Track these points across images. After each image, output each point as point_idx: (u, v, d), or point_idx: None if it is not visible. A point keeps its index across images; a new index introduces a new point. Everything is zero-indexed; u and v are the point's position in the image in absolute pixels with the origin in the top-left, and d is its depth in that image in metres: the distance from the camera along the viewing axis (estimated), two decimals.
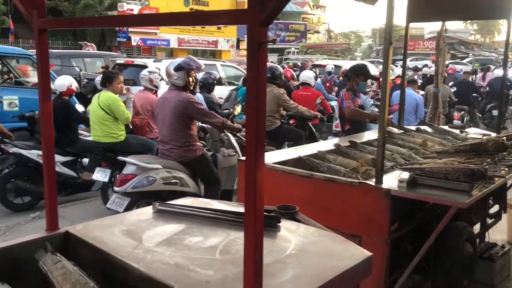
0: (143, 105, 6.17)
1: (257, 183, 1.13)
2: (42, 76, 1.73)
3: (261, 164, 1.14)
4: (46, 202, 1.85)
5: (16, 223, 5.71)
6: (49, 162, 1.80)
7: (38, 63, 1.76)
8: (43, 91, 1.73)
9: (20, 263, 1.69)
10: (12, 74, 8.91)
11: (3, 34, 22.53)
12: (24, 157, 5.99)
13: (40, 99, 1.75)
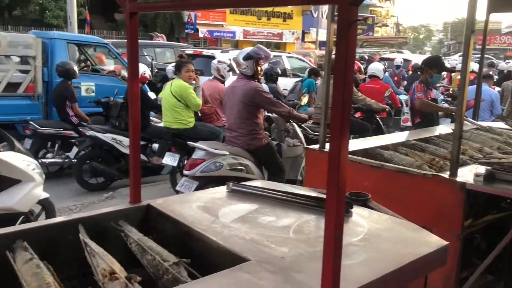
0: (212, 94, 6.32)
1: (341, 157, 1.15)
2: (131, 58, 1.84)
3: (346, 140, 1.15)
4: (131, 177, 1.98)
5: (91, 202, 6.07)
6: (135, 139, 1.92)
7: (128, 45, 1.87)
8: (132, 71, 1.84)
9: (106, 229, 1.82)
10: (89, 62, 9.42)
11: (80, 25, 23.81)
12: (99, 140, 6.34)
13: (128, 78, 1.87)
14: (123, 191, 6.35)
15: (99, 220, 1.84)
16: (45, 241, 1.69)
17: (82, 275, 1.71)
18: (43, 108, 7.67)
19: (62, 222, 1.78)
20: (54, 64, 7.55)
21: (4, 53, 7.12)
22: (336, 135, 1.14)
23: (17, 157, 4.17)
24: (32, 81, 7.42)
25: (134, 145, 1.92)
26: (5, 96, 7.22)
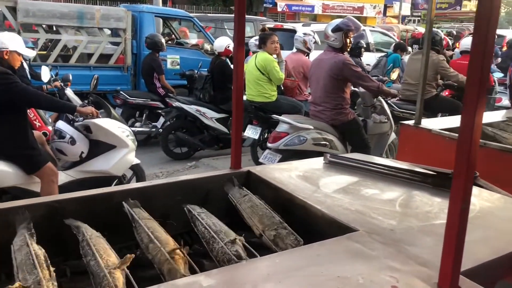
0: (295, 67, 6.26)
1: (475, 130, 1.08)
2: (238, 26, 1.85)
3: (480, 111, 1.08)
4: (232, 144, 2.01)
5: (176, 170, 6.31)
6: (238, 107, 1.94)
7: (236, 12, 1.87)
8: (238, 38, 1.85)
9: (209, 191, 1.87)
10: (174, 35, 9.69)
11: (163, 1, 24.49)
12: (184, 111, 6.54)
13: (234, 45, 1.88)
14: (206, 161, 6.55)
15: (204, 183, 1.89)
16: (153, 200, 1.76)
17: (187, 233, 1.78)
18: (132, 79, 8.04)
19: (167, 184, 1.85)
20: (142, 36, 7.86)
21: (97, 25, 7.50)
22: (471, 105, 1.07)
23: (113, 124, 4.42)
24: (122, 53, 7.78)
25: (237, 113, 1.94)
26: (98, 67, 7.64)
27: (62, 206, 1.54)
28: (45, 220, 1.54)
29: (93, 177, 4.37)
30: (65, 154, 4.29)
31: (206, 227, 1.49)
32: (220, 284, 1.14)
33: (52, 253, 1.33)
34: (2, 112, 3.62)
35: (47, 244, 1.37)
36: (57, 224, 1.55)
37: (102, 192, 1.65)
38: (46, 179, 3.84)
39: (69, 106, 4.00)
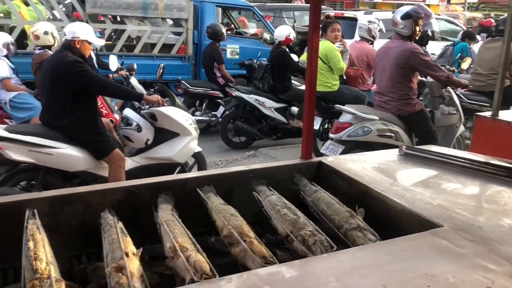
0: (359, 55, 6.10)
1: None
2: (313, 12, 1.79)
3: None
4: (303, 134, 1.97)
5: (234, 159, 6.36)
6: (311, 96, 1.89)
7: (311, 4, 1.81)
8: (313, 24, 1.80)
9: (280, 181, 1.85)
10: (233, 25, 9.72)
11: None
12: (244, 100, 6.56)
13: (310, 31, 1.83)
14: (264, 151, 6.54)
15: (274, 172, 1.86)
16: (225, 187, 1.76)
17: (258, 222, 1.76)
18: (193, 68, 8.16)
19: (238, 172, 1.84)
20: (203, 26, 7.94)
21: (161, 15, 7.66)
22: None
23: (177, 112, 4.49)
24: (183, 43, 7.91)
25: (309, 103, 1.90)
26: (160, 57, 7.81)
27: (140, 191, 1.57)
28: (122, 204, 1.57)
29: (157, 164, 4.49)
30: (132, 141, 4.43)
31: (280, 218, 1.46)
32: (302, 276, 1.10)
33: (131, 236, 1.35)
34: (74, 100, 3.77)
35: (126, 227, 1.39)
36: (133, 208, 1.58)
37: (177, 178, 1.67)
38: (114, 165, 3.98)
39: (136, 94, 4.10)
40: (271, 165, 1.92)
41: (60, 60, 3.75)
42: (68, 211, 1.50)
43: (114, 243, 1.24)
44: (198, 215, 1.58)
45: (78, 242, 1.50)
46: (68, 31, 3.87)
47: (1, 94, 5.33)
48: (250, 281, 1.06)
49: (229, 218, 1.41)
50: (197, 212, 1.57)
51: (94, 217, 1.48)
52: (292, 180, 1.86)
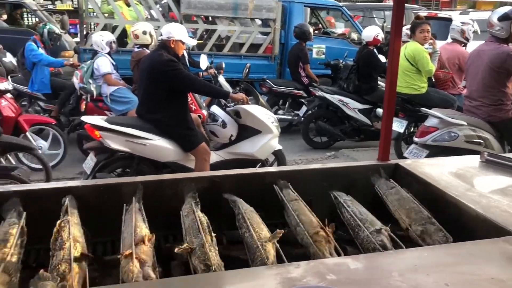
0: (450, 58, 5.86)
1: None
2: (396, 13, 1.82)
3: None
4: (382, 135, 2.00)
5: (314, 159, 6.40)
6: (391, 98, 1.92)
7: (394, 4, 1.84)
8: (396, 26, 1.82)
9: (355, 181, 1.90)
10: (321, 25, 9.73)
11: None
12: (327, 100, 6.58)
13: (392, 34, 1.86)
14: (346, 152, 6.52)
15: (350, 172, 1.92)
16: (301, 184, 1.84)
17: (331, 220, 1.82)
18: (278, 68, 8.31)
19: (315, 169, 1.92)
20: (291, 26, 8.05)
21: (250, 16, 7.89)
22: None
23: (260, 111, 4.65)
24: (270, 42, 8.08)
25: (389, 105, 1.93)
26: (247, 56, 8.05)
27: (222, 181, 1.71)
28: (206, 192, 1.72)
29: (239, 159, 4.68)
30: (217, 136, 4.67)
31: (352, 215, 1.53)
32: (367, 269, 1.17)
33: (211, 221, 1.49)
34: (167, 96, 4.06)
35: (207, 213, 1.53)
36: (216, 197, 1.73)
37: (256, 172, 1.79)
38: (200, 157, 4.23)
39: (223, 92, 4.32)
40: (347, 164, 1.98)
41: (156, 58, 4.06)
42: (158, 194, 1.67)
43: (192, 228, 1.38)
44: (274, 207, 1.68)
45: (165, 223, 1.66)
46: (164, 32, 4.17)
47: (103, 88, 5.83)
48: (316, 268, 1.15)
49: (299, 214, 1.50)
50: (274, 204, 1.68)
51: (180, 202, 1.65)
52: (369, 181, 1.90)
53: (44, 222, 1.35)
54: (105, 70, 5.76)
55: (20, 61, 6.75)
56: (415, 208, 1.59)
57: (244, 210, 1.53)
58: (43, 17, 9.61)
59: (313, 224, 1.47)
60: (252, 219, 1.46)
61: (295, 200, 1.62)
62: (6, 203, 1.43)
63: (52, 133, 5.63)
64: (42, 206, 1.50)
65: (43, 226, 1.33)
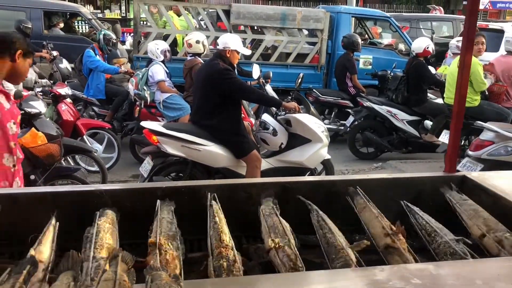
0: (504, 70, 5.74)
1: None
2: (468, 26, 1.84)
3: None
4: (449, 147, 2.02)
5: (361, 169, 6.38)
6: (459, 112, 1.94)
7: (467, 11, 1.86)
8: (467, 38, 1.85)
9: (421, 191, 1.92)
10: (367, 35, 9.70)
11: None
12: (375, 111, 6.56)
13: (462, 47, 1.88)
14: (393, 163, 6.46)
15: (416, 183, 1.95)
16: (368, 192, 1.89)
17: None
18: (324, 77, 8.34)
19: (383, 179, 1.95)
20: (338, 37, 8.09)
21: (298, 26, 7.97)
22: None
23: (311, 120, 4.71)
24: (317, 52, 8.13)
25: (457, 118, 1.95)
26: (294, 66, 8.13)
27: (294, 187, 1.77)
28: (276, 197, 1.78)
29: (289, 167, 4.74)
30: (267, 144, 4.75)
31: (427, 221, 1.56)
32: (450, 275, 1.20)
33: None
34: (221, 103, 4.18)
35: (282, 217, 1.60)
36: (286, 202, 1.79)
37: (327, 180, 1.85)
38: (252, 164, 4.32)
39: (276, 101, 4.39)
40: (413, 175, 2.00)
41: (212, 67, 4.19)
42: (233, 197, 1.76)
43: (276, 228, 1.45)
44: (343, 213, 1.73)
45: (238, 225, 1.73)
46: (221, 42, 4.30)
47: (156, 95, 6.04)
48: (400, 272, 1.19)
49: (368, 222, 1.54)
50: (343, 210, 1.73)
51: (253, 205, 1.73)
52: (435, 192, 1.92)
53: (136, 218, 1.45)
54: (159, 77, 5.96)
55: (78, 67, 7.09)
56: (491, 218, 1.60)
57: (321, 213, 1.59)
58: (97, 26, 10.03)
59: (385, 230, 1.51)
60: (330, 223, 1.51)
61: (367, 207, 1.66)
62: (99, 201, 1.54)
63: (107, 137, 5.87)
64: (134, 204, 1.61)
65: (136, 222, 1.44)
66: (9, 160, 2.40)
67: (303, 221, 1.68)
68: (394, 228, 1.48)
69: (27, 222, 1.52)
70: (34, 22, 8.70)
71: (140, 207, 1.67)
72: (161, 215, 1.48)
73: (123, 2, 21.13)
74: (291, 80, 7.97)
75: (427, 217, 1.64)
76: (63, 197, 1.62)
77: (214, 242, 1.34)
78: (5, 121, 2.35)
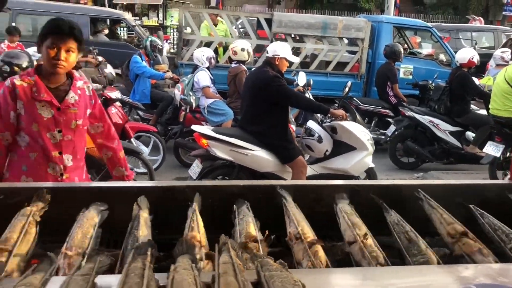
0: None
1: None
2: None
3: None
4: None
5: (402, 179, 6.33)
6: None
7: None
8: None
9: (486, 198, 1.95)
10: (407, 45, 9.66)
11: None
12: (416, 120, 6.54)
13: None
14: (434, 174, 6.42)
15: (480, 190, 1.98)
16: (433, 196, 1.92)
17: None
18: (364, 86, 8.37)
19: (450, 185, 1.99)
20: (379, 46, 8.10)
21: (339, 35, 8.04)
22: None
23: (358, 127, 4.76)
24: (357, 61, 8.17)
25: None
26: (333, 74, 8.19)
27: (363, 189, 1.84)
28: None
29: (332, 174, 4.79)
30: (312, 150, 4.81)
31: (501, 225, 1.59)
32: None
33: None
34: (269, 109, 4.28)
35: None
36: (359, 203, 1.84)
37: (394, 183, 1.91)
38: (297, 170, 4.39)
39: (324, 107, 4.46)
40: (478, 182, 2.03)
41: (262, 74, 4.30)
42: (305, 197, 1.84)
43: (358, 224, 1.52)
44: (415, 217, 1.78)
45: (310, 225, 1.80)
46: (270, 49, 4.41)
47: (201, 100, 6.20)
48: (485, 271, 1.24)
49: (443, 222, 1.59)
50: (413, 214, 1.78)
51: (324, 206, 1.80)
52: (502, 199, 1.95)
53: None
54: (204, 83, 6.12)
55: (124, 73, 7.33)
56: None
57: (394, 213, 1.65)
58: (140, 32, 10.33)
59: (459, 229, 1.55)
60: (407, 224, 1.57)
61: (438, 208, 1.71)
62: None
63: (153, 140, 6.06)
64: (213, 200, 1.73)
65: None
66: (55, 170, 2.32)
67: (371, 222, 1.74)
68: (465, 228, 1.53)
69: (115, 213, 1.65)
70: (81, 28, 9.04)
71: (217, 203, 1.77)
72: (244, 211, 1.57)
73: (161, 10, 21.61)
74: (331, 88, 8.06)
75: (498, 221, 1.68)
76: (150, 192, 1.74)
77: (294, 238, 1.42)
78: (43, 131, 2.26)
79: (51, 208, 1.55)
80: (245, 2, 25.18)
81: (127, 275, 0.96)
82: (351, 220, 1.52)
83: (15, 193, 1.62)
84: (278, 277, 0.99)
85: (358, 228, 1.46)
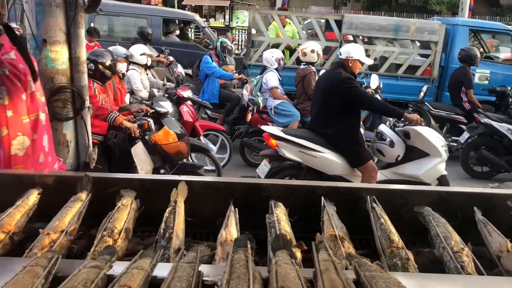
0: None
1: None
2: None
3: None
4: None
5: None
6: None
7: None
8: None
9: None
10: (483, 49, 9.21)
11: None
12: (493, 128, 6.22)
13: None
14: (511, 185, 6.06)
15: None
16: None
17: None
18: (435, 91, 8.07)
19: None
20: (453, 49, 7.78)
21: (411, 37, 7.80)
22: None
23: (432, 133, 4.59)
24: (430, 65, 7.88)
25: None
26: (404, 77, 7.96)
27: (448, 196, 1.79)
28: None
29: (403, 180, 4.65)
30: (383, 155, 4.70)
31: None
32: None
33: None
34: (341, 111, 4.23)
35: None
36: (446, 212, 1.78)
37: (484, 192, 1.83)
38: (367, 174, 4.31)
39: (398, 111, 4.34)
40: None
41: (334, 76, 4.26)
42: (391, 202, 1.80)
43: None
44: None
45: None
46: (344, 51, 4.36)
47: (269, 101, 6.24)
48: None
49: None
50: None
51: (409, 211, 1.76)
52: None
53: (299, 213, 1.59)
54: (272, 84, 6.15)
55: (195, 73, 7.54)
56: None
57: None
58: (209, 33, 10.57)
59: None
60: None
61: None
62: None
63: (220, 139, 6.18)
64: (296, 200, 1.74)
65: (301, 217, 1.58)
66: None
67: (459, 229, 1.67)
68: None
69: (206, 207, 1.70)
70: (154, 29, 9.41)
71: (300, 202, 1.78)
72: (330, 211, 1.57)
73: (227, 11, 22.01)
74: (401, 92, 7.85)
75: None
76: (236, 187, 1.78)
77: (384, 242, 1.39)
78: None
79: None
80: (311, 3, 25.07)
81: (232, 265, 0.99)
82: (441, 230, 1.47)
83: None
84: (381, 278, 0.98)
85: (450, 238, 1.42)
